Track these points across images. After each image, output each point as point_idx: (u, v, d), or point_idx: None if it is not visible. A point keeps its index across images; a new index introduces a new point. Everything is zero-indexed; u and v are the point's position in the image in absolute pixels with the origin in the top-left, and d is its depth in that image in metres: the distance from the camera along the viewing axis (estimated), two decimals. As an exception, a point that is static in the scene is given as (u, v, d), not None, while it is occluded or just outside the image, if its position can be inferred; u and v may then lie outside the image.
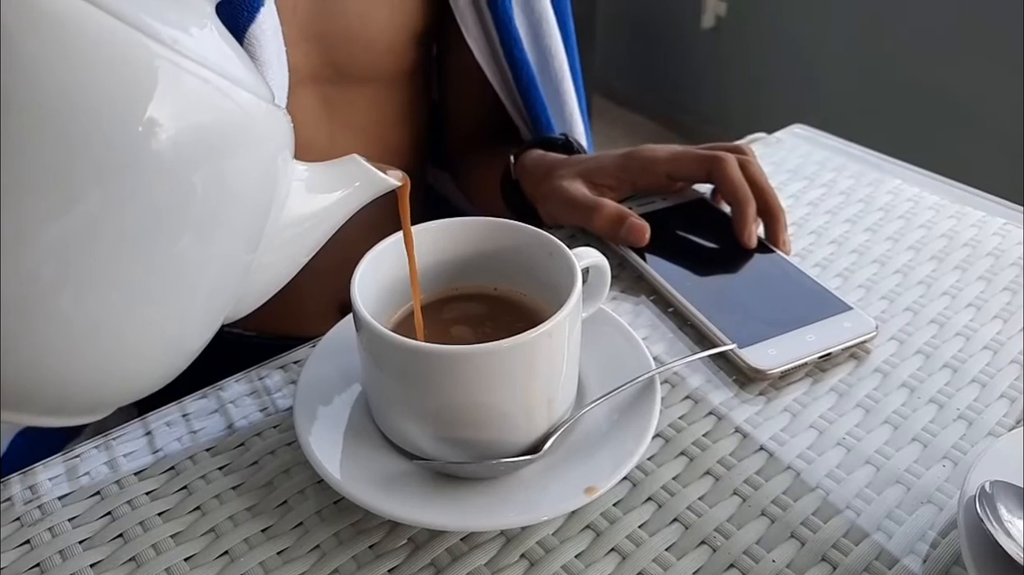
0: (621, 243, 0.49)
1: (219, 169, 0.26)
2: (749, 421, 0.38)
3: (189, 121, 0.25)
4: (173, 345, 0.28)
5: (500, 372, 0.31)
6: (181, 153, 0.25)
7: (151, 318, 0.26)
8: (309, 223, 0.31)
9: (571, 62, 0.64)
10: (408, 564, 0.32)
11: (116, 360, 0.27)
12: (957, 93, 1.76)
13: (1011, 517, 0.30)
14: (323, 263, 0.65)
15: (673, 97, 2.47)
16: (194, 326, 0.28)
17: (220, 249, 0.27)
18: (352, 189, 0.32)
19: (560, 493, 0.32)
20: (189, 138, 0.25)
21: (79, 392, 0.27)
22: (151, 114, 0.24)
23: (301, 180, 0.31)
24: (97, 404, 0.28)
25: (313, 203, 0.31)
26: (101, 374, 0.27)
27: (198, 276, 0.27)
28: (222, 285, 0.28)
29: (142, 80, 0.24)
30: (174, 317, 0.27)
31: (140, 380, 0.28)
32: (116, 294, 0.25)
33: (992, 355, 0.42)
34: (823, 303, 0.44)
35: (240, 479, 0.36)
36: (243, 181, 0.27)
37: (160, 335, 0.27)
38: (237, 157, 0.27)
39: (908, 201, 0.56)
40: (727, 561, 0.32)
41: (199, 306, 0.28)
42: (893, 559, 0.32)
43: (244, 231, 0.28)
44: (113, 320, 0.25)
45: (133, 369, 0.27)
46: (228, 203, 0.27)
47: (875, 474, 0.36)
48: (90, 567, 0.32)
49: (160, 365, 0.28)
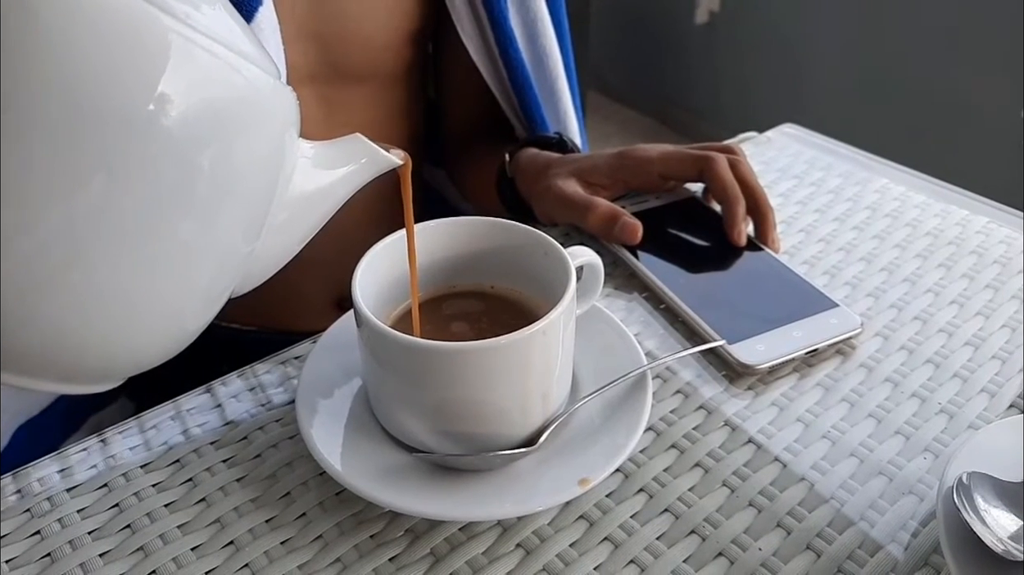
0: (614, 241, 0.50)
1: (229, 145, 0.26)
2: (738, 415, 0.40)
3: (201, 96, 0.25)
4: (180, 318, 0.29)
5: (497, 368, 0.32)
6: (193, 128, 0.25)
7: (160, 291, 0.27)
8: (314, 200, 0.32)
9: (565, 61, 0.65)
10: (408, 553, 0.33)
11: (126, 332, 0.27)
12: (949, 91, 1.78)
13: (987, 506, 0.31)
14: (321, 259, 0.66)
15: (667, 93, 2.48)
16: (201, 300, 0.29)
17: (227, 225, 0.28)
18: (356, 166, 0.32)
19: (555, 485, 0.33)
20: (201, 113, 0.25)
21: (91, 361, 0.27)
22: (164, 88, 0.24)
23: (307, 158, 0.31)
24: (107, 373, 0.29)
25: (318, 180, 0.31)
26: (112, 345, 0.27)
27: (205, 251, 0.27)
28: (229, 260, 0.29)
29: (156, 53, 0.24)
30: (182, 291, 0.27)
31: (149, 351, 0.29)
32: (126, 268, 0.25)
33: (974, 351, 0.44)
34: (810, 300, 0.45)
35: (244, 471, 0.37)
36: (252, 157, 0.28)
37: (168, 308, 0.28)
38: (247, 133, 0.27)
39: (895, 200, 0.57)
40: (716, 549, 0.33)
41: (206, 280, 0.28)
42: (876, 547, 0.33)
43: (251, 207, 0.28)
44: (123, 293, 0.26)
45: (142, 341, 0.28)
46: (236, 179, 0.27)
47: (859, 466, 0.37)
48: (99, 557, 0.33)
49: (168, 337, 0.29)
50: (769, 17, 2.10)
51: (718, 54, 2.29)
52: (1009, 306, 0.47)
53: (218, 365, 0.50)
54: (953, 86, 1.76)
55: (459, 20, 0.59)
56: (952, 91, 1.77)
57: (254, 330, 0.68)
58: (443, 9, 0.59)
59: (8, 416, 0.58)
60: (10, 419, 0.58)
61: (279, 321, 0.68)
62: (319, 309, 0.68)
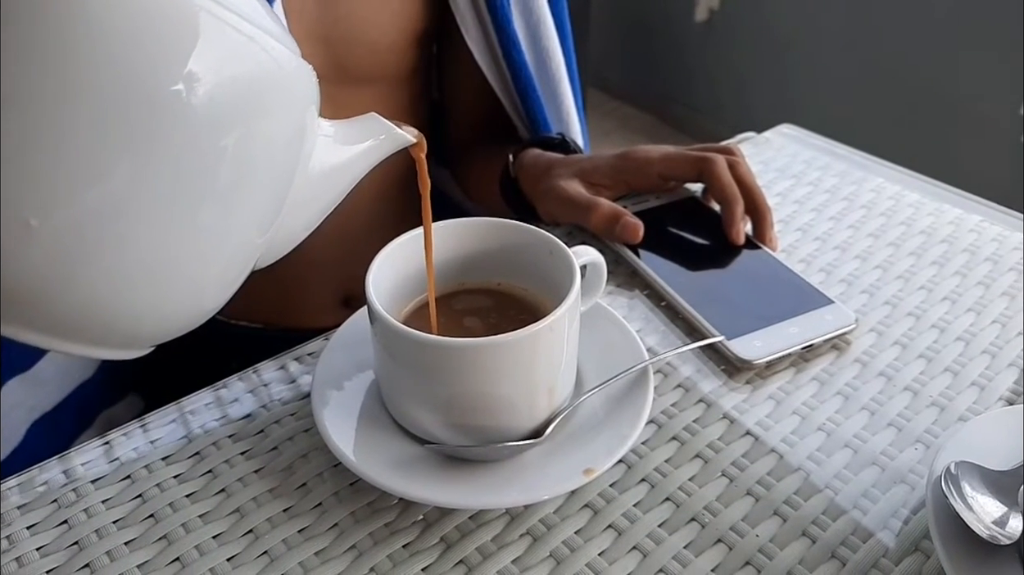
0: (616, 241, 0.51)
1: (256, 122, 0.27)
2: (736, 408, 0.41)
3: (230, 73, 0.26)
4: (206, 288, 0.29)
5: (505, 363, 0.33)
6: (221, 106, 0.26)
7: (188, 263, 0.28)
8: (334, 176, 0.33)
9: (568, 63, 0.66)
10: (420, 540, 0.35)
11: (155, 300, 0.28)
12: (949, 90, 1.79)
13: (974, 494, 0.32)
14: (327, 259, 0.68)
15: (666, 90, 2.49)
16: (226, 272, 0.30)
17: (252, 201, 0.28)
18: (375, 142, 0.33)
19: (560, 474, 0.35)
20: (229, 90, 0.26)
21: (121, 327, 0.28)
22: (194, 66, 0.24)
23: (327, 135, 0.32)
24: (136, 340, 0.30)
25: (338, 156, 0.32)
26: (141, 312, 0.28)
27: (231, 226, 0.28)
28: (253, 234, 0.30)
29: (187, 30, 0.24)
30: (209, 263, 0.28)
31: (176, 319, 0.30)
32: (157, 240, 0.26)
33: (965, 346, 0.45)
34: (806, 297, 0.47)
35: (261, 463, 0.38)
36: (277, 134, 0.28)
37: (196, 278, 0.28)
38: (272, 110, 0.28)
39: (889, 199, 0.58)
40: (715, 536, 0.35)
41: (231, 254, 0.29)
42: (868, 534, 0.35)
43: (274, 184, 0.29)
44: (153, 264, 0.27)
45: (170, 309, 0.29)
46: (261, 157, 0.28)
47: (853, 456, 0.38)
48: (124, 545, 0.35)
49: (194, 306, 0.30)
50: (768, 15, 2.11)
51: (717, 52, 2.30)
52: (1000, 302, 0.48)
53: (226, 362, 0.51)
54: (953, 85, 1.77)
55: (463, 23, 0.60)
56: (952, 90, 1.78)
57: (261, 328, 0.70)
58: (447, 12, 0.60)
59: (23, 412, 0.60)
60: (25, 415, 0.60)
61: (286, 319, 0.69)
62: (325, 307, 0.69)
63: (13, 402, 0.58)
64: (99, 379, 0.66)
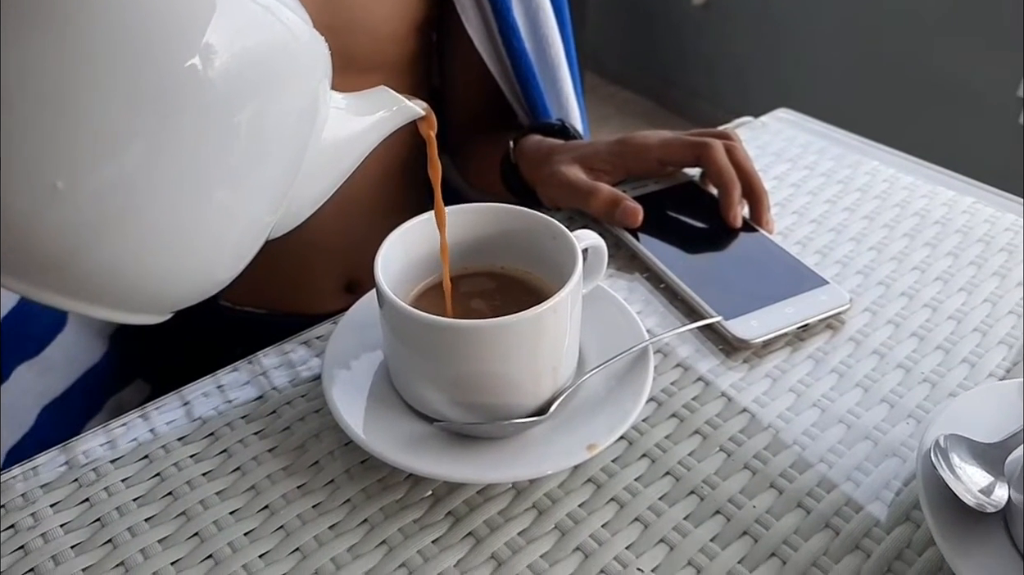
0: (616, 225, 0.52)
1: (270, 94, 0.28)
2: (734, 386, 0.42)
3: (246, 43, 0.26)
4: (222, 256, 0.30)
5: (511, 343, 0.35)
6: (238, 76, 0.26)
7: (204, 229, 0.28)
8: (346, 147, 0.33)
9: (567, 50, 0.67)
10: (430, 514, 0.36)
11: (172, 265, 0.28)
12: (947, 72, 1.79)
13: (962, 465, 0.33)
14: (330, 245, 0.69)
15: (664, 74, 2.49)
16: (241, 239, 0.30)
17: (265, 171, 0.29)
18: (387, 113, 0.34)
19: (564, 450, 0.36)
20: (245, 60, 0.26)
21: (142, 292, 0.29)
22: (211, 36, 0.25)
23: (339, 107, 0.33)
24: (153, 304, 0.30)
25: (350, 128, 0.33)
26: (159, 277, 0.29)
27: (245, 195, 0.29)
28: (265, 203, 0.30)
29: (203, 1, 0.25)
30: (224, 230, 0.29)
31: (194, 285, 0.30)
32: (174, 208, 0.27)
33: (956, 324, 0.46)
34: (802, 278, 0.48)
35: (274, 443, 0.39)
36: (290, 105, 0.29)
37: (211, 246, 0.29)
38: (286, 81, 0.28)
39: (884, 182, 0.59)
40: (713, 508, 0.36)
41: (245, 221, 0.30)
42: (861, 505, 0.36)
43: (286, 154, 0.30)
44: (173, 231, 0.27)
45: (187, 275, 0.30)
46: (276, 128, 0.28)
47: (846, 431, 0.40)
48: (145, 521, 0.36)
49: (211, 274, 0.31)
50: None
51: (715, 35, 2.30)
52: (991, 282, 0.49)
53: (231, 348, 0.53)
54: (951, 67, 1.78)
55: (463, 10, 0.61)
56: (949, 73, 1.78)
57: (266, 313, 0.71)
58: (447, 0, 0.61)
59: (33, 397, 0.61)
60: (35, 400, 0.61)
61: (290, 305, 0.71)
62: (329, 293, 0.70)
63: (23, 388, 0.59)
64: (106, 365, 0.67)
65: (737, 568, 0.34)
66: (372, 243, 0.43)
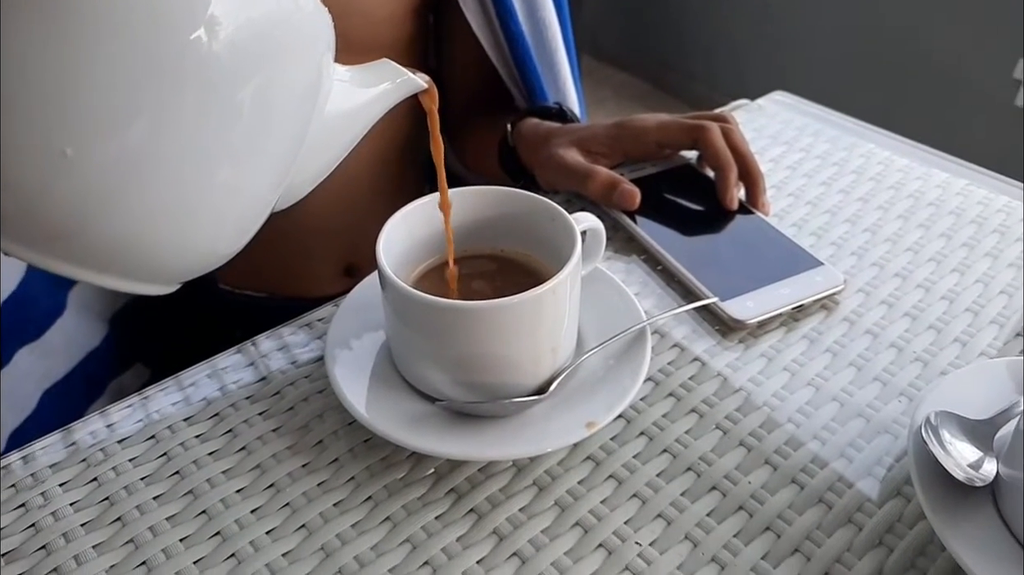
0: (614, 207, 0.53)
1: (275, 65, 0.28)
2: (730, 365, 0.43)
3: (251, 14, 0.26)
4: (227, 228, 0.30)
5: (511, 324, 0.35)
6: (243, 47, 0.26)
7: (209, 201, 0.29)
8: (350, 119, 0.33)
9: (564, 33, 0.67)
10: (433, 491, 0.37)
11: (180, 235, 0.29)
12: (943, 54, 1.79)
13: (952, 440, 0.34)
14: (329, 229, 0.69)
15: (661, 56, 2.49)
16: (246, 210, 0.31)
17: (269, 143, 0.29)
18: (390, 85, 0.34)
19: (564, 428, 0.37)
20: (251, 32, 0.27)
21: (147, 262, 0.29)
22: (215, 9, 0.25)
23: (343, 80, 0.33)
24: (160, 274, 0.31)
25: (354, 100, 0.33)
26: (167, 247, 0.29)
27: (250, 166, 0.29)
28: (270, 175, 0.30)
29: None
30: (229, 201, 0.29)
31: (200, 256, 0.31)
32: (180, 178, 0.27)
33: (948, 304, 0.47)
34: (797, 259, 0.49)
35: (279, 423, 0.40)
36: (294, 77, 0.29)
37: (218, 218, 0.29)
38: (291, 53, 0.29)
39: (879, 164, 0.60)
40: (710, 484, 0.37)
41: (250, 192, 0.30)
42: (853, 480, 0.37)
43: (290, 127, 0.30)
44: (177, 200, 0.28)
45: (194, 245, 0.30)
46: (279, 99, 0.29)
47: (839, 409, 0.41)
48: (153, 499, 0.37)
49: (215, 246, 0.31)
50: (762, -20, 2.10)
51: (712, 18, 2.29)
52: (983, 263, 0.50)
53: (231, 331, 0.53)
54: (946, 50, 1.78)
55: (461, -7, 0.61)
56: (945, 56, 1.78)
57: (265, 297, 0.71)
58: (445, -18, 0.61)
59: (34, 381, 0.61)
60: (36, 384, 0.61)
61: (289, 288, 0.71)
62: (327, 277, 0.71)
63: (24, 371, 0.60)
64: (106, 349, 0.67)
65: (733, 542, 0.35)
66: (370, 227, 0.43)
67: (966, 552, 0.31)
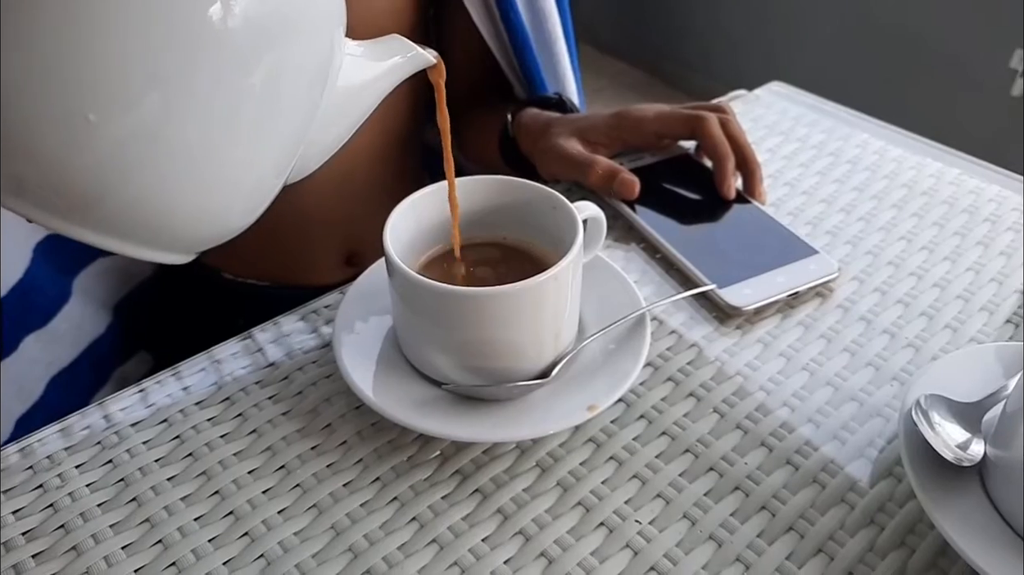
0: (613, 196, 0.54)
1: (288, 40, 0.28)
2: (727, 351, 0.44)
3: None
4: (242, 199, 0.31)
5: (515, 310, 0.36)
6: (258, 22, 0.27)
7: (226, 171, 0.29)
8: (361, 93, 0.34)
9: (563, 23, 0.68)
10: (439, 472, 0.38)
11: (198, 203, 0.30)
12: (939, 44, 1.80)
13: (942, 422, 0.35)
14: (330, 219, 0.70)
15: (657, 45, 2.49)
16: (260, 182, 0.31)
17: (282, 117, 0.30)
18: (401, 59, 0.35)
19: (566, 411, 0.38)
20: (268, 8, 0.27)
21: (166, 230, 0.30)
22: None
23: (355, 55, 0.34)
24: (179, 243, 0.32)
25: (365, 74, 0.34)
26: (185, 215, 0.30)
27: (263, 139, 0.30)
28: (281, 149, 0.31)
29: None
30: (245, 171, 0.30)
31: (214, 228, 0.32)
32: (198, 148, 0.28)
33: (940, 291, 0.48)
34: (793, 248, 0.50)
35: (288, 407, 0.41)
36: (307, 52, 0.30)
37: (233, 188, 0.30)
38: (304, 27, 0.29)
39: (874, 154, 0.61)
40: (707, 465, 0.38)
41: (263, 164, 0.31)
42: (847, 461, 0.38)
43: (303, 100, 0.31)
44: (196, 169, 0.28)
45: (211, 216, 0.31)
46: (292, 72, 0.29)
47: (833, 393, 0.42)
48: (167, 481, 0.38)
49: (231, 216, 0.32)
50: (760, -31, 2.11)
51: (708, 7, 2.29)
52: (974, 251, 0.51)
53: (233, 319, 0.54)
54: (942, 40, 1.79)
55: (462, -15, 0.61)
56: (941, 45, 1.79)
57: (267, 286, 0.72)
58: (446, -27, 0.62)
59: (41, 367, 0.62)
60: (43, 370, 0.62)
61: (290, 277, 0.72)
62: (328, 265, 0.72)
63: (32, 358, 0.60)
64: (110, 336, 0.68)
65: (729, 520, 0.36)
66: (370, 216, 0.43)
67: (954, 530, 0.33)
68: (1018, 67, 1.66)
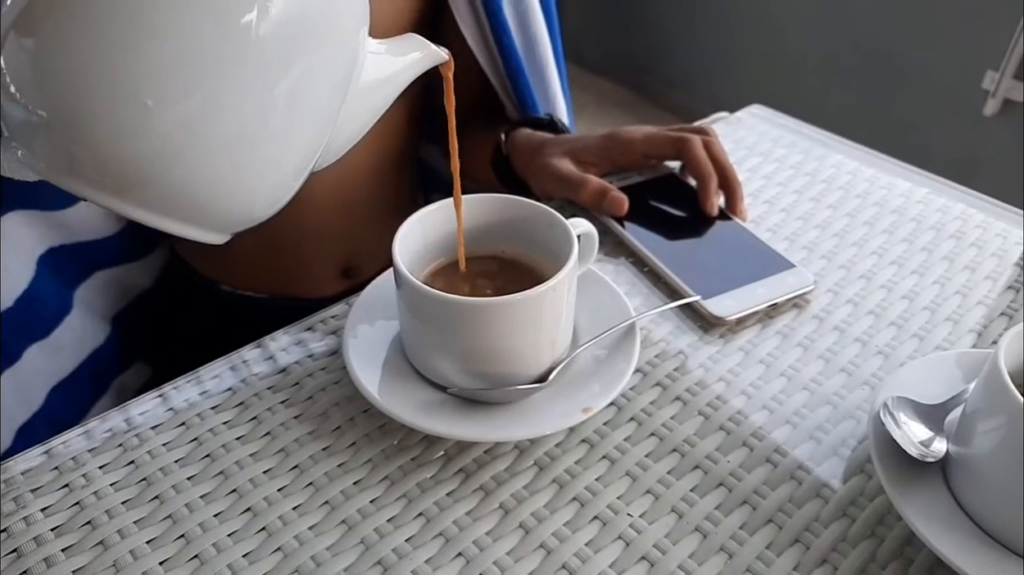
0: (604, 213, 0.57)
1: (321, 39, 0.31)
2: (711, 358, 0.47)
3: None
4: (275, 186, 0.33)
5: (516, 319, 0.39)
6: (295, 23, 0.29)
7: (262, 161, 0.32)
8: (381, 89, 0.36)
9: (554, 46, 0.71)
10: (443, 471, 0.41)
11: (237, 188, 0.32)
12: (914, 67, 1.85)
13: (908, 421, 0.38)
14: (328, 233, 0.72)
15: (642, 64, 2.53)
16: (292, 168, 0.34)
17: (311, 108, 0.32)
18: (420, 54, 0.37)
19: (562, 413, 0.41)
20: (301, 11, 0.29)
21: (206, 209, 0.32)
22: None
23: (378, 52, 0.36)
24: (217, 222, 0.33)
25: (384, 70, 0.36)
26: (225, 196, 0.32)
27: (295, 131, 0.32)
28: (311, 138, 0.33)
29: None
30: (278, 160, 0.32)
31: (251, 208, 0.34)
32: (238, 140, 0.30)
33: (908, 303, 0.52)
34: (772, 262, 0.53)
35: (299, 411, 0.44)
36: (336, 49, 0.32)
37: (268, 174, 0.32)
38: (335, 28, 0.32)
39: (848, 174, 0.65)
40: (693, 463, 0.41)
41: (295, 153, 0.33)
42: (821, 459, 0.41)
43: (330, 95, 0.33)
44: (236, 159, 0.31)
45: (247, 199, 0.33)
46: (321, 69, 0.31)
47: (809, 397, 0.45)
48: (187, 480, 0.40)
49: (262, 201, 0.34)
50: (740, -9, 2.16)
51: (693, 26, 2.34)
52: (940, 266, 0.55)
53: (233, 331, 0.56)
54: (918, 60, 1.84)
55: (457, 10, 0.64)
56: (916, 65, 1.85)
57: (265, 298, 0.74)
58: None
59: (43, 377, 0.63)
60: (45, 380, 0.64)
61: (289, 289, 0.74)
62: (326, 278, 0.74)
63: (34, 368, 0.62)
64: (110, 347, 0.69)
65: (714, 514, 0.39)
66: (367, 231, 0.45)
67: (919, 521, 0.36)
68: (990, 88, 1.71)
